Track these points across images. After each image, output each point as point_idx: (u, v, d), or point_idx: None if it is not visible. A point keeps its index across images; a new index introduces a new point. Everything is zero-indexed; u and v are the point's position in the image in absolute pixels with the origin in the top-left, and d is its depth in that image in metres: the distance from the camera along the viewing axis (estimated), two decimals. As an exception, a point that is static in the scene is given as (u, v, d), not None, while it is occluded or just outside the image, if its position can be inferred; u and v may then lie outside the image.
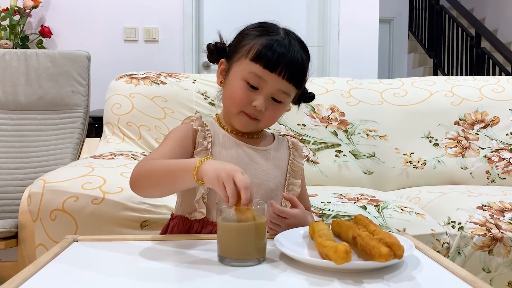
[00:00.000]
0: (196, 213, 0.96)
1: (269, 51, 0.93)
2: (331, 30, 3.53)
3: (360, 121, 1.95)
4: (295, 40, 0.97)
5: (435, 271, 0.77)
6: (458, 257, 1.38)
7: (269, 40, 0.95)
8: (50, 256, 0.79)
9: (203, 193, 0.95)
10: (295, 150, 1.08)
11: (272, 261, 0.78)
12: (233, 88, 0.97)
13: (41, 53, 2.14)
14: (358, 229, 0.81)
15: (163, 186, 0.87)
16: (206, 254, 0.82)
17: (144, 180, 0.88)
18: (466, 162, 1.93)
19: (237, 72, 0.97)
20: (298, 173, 1.06)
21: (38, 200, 1.27)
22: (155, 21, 3.42)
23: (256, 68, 0.94)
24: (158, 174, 0.86)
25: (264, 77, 0.94)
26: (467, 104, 2.01)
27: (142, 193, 0.91)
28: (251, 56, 0.94)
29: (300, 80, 0.97)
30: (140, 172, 0.89)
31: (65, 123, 2.08)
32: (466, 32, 4.79)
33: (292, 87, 0.96)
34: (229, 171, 0.76)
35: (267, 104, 0.96)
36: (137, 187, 0.89)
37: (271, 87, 0.95)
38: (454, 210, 1.48)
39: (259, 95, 0.95)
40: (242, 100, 0.96)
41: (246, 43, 0.97)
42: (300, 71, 0.96)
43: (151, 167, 0.88)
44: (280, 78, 0.94)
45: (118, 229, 1.26)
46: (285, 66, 0.93)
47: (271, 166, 1.01)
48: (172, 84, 1.93)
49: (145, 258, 0.81)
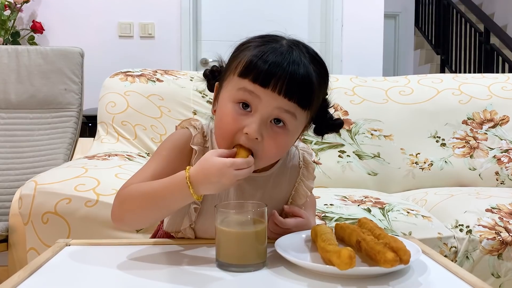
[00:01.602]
0: (182, 235, 0.91)
1: (260, 60, 0.77)
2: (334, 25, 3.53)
3: (364, 120, 1.95)
4: (300, 50, 0.81)
5: (443, 276, 0.77)
6: (466, 262, 1.38)
7: (262, 49, 0.79)
8: (41, 260, 0.79)
9: (190, 222, 0.88)
10: (306, 169, 0.95)
11: (273, 267, 0.78)
12: (221, 115, 0.82)
13: (33, 50, 2.13)
14: (363, 233, 0.81)
15: (151, 214, 0.80)
16: (204, 259, 0.82)
17: (127, 213, 0.81)
18: (475, 163, 1.93)
19: (225, 93, 0.82)
20: (304, 196, 0.95)
21: (29, 202, 1.26)
22: (151, 16, 3.42)
23: (245, 83, 0.78)
24: (142, 204, 0.79)
25: (257, 93, 0.78)
26: (476, 103, 2.01)
27: (127, 225, 0.85)
28: (239, 70, 0.79)
29: (305, 97, 0.79)
30: (122, 204, 0.81)
31: (58, 123, 2.08)
32: (475, 27, 4.79)
33: (296, 107, 0.79)
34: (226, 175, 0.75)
35: (264, 130, 0.79)
36: (119, 220, 0.82)
37: (268, 105, 0.78)
38: (462, 213, 1.48)
39: (252, 118, 0.78)
40: (231, 127, 0.79)
41: (238, 57, 0.81)
42: (303, 84, 0.78)
43: (132, 197, 0.80)
44: (276, 94, 0.77)
45: (113, 233, 1.25)
46: (280, 78, 0.76)
47: (270, 196, 0.91)
48: (169, 82, 1.92)
49: (140, 263, 0.80)
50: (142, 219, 0.83)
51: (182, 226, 0.90)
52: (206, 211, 0.89)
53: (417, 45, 6.08)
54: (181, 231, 0.91)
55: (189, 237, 0.91)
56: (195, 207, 0.88)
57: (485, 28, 4.57)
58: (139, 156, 1.71)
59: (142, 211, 0.81)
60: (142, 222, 0.85)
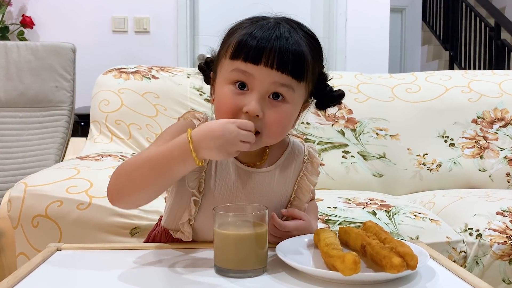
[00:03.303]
0: (180, 233, 0.91)
1: (248, 39, 0.81)
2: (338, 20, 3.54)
3: (369, 119, 1.95)
4: (288, 24, 0.85)
5: (451, 282, 0.77)
6: (476, 267, 1.38)
7: (250, 28, 0.83)
8: (31, 266, 0.79)
9: (189, 217, 0.88)
10: (310, 163, 0.97)
11: (273, 272, 0.78)
12: (218, 98, 0.86)
13: (22, 45, 2.13)
14: (368, 237, 0.81)
15: (152, 183, 0.79)
16: (202, 265, 0.82)
17: (126, 184, 0.81)
18: (485, 164, 1.93)
19: (220, 78, 0.86)
20: (307, 191, 0.96)
21: (19, 205, 1.26)
22: (146, 10, 3.42)
23: (237, 64, 0.82)
24: (142, 171, 0.79)
25: (250, 72, 0.82)
26: (486, 101, 2.01)
27: (126, 201, 0.83)
28: (230, 53, 0.83)
29: (298, 68, 0.83)
30: (120, 176, 0.81)
31: (48, 122, 2.08)
32: (485, 22, 4.79)
33: (291, 79, 0.83)
34: (230, 139, 0.76)
35: (265, 106, 0.83)
36: (118, 195, 0.82)
37: (263, 82, 0.82)
38: (471, 216, 1.48)
39: (250, 95, 0.82)
40: (230, 107, 0.83)
41: (228, 41, 0.86)
42: (294, 56, 0.82)
43: (131, 166, 0.81)
44: (269, 68, 0.81)
45: (106, 237, 1.25)
46: (271, 52, 0.80)
47: (273, 191, 0.93)
48: (165, 79, 1.92)
49: (135, 269, 0.80)
50: (141, 191, 0.80)
51: (181, 220, 0.89)
52: (207, 207, 0.88)
53: (425, 40, 6.08)
54: (179, 228, 0.90)
55: (187, 236, 0.90)
56: (195, 199, 0.88)
57: (496, 23, 4.57)
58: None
59: (143, 178, 0.79)
60: (141, 195, 0.82)
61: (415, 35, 5.95)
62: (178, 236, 0.92)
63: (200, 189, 0.89)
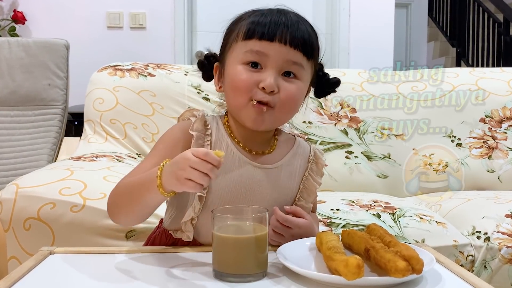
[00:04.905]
0: (181, 232, 0.93)
1: (261, 18, 0.90)
2: (341, 15, 3.54)
3: (373, 118, 1.95)
4: (290, 14, 0.93)
5: (458, 287, 0.77)
6: (484, 272, 1.38)
7: (258, 14, 0.91)
8: (23, 270, 0.79)
9: (193, 215, 0.91)
10: (315, 164, 1.00)
11: (274, 276, 0.78)
12: (232, 77, 0.91)
13: (14, 42, 2.14)
14: (372, 240, 0.81)
15: (134, 209, 0.88)
16: (200, 269, 0.82)
17: (115, 208, 0.90)
18: (493, 165, 1.93)
19: (232, 61, 0.92)
20: (312, 192, 1.00)
21: (10, 207, 1.26)
22: (142, 5, 3.42)
23: (252, 44, 0.89)
24: (124, 197, 0.88)
25: (264, 51, 0.88)
26: (494, 99, 2.01)
27: (120, 221, 0.92)
28: (242, 35, 0.90)
29: (308, 45, 0.91)
30: (111, 199, 0.90)
31: (41, 121, 2.08)
32: (493, 17, 4.79)
33: (302, 56, 0.90)
34: (181, 164, 0.77)
35: (279, 82, 0.89)
36: (113, 216, 0.91)
37: (277, 59, 0.89)
38: (479, 219, 1.48)
39: (266, 72, 0.88)
40: (245, 83, 0.88)
41: (235, 29, 0.93)
42: (305, 33, 0.90)
43: (117, 191, 0.89)
44: (283, 45, 0.88)
45: (101, 240, 1.25)
46: (285, 30, 0.88)
47: (279, 188, 0.96)
48: (162, 76, 1.93)
49: (130, 273, 0.80)
50: (129, 215, 0.89)
51: (184, 219, 0.91)
52: (211, 204, 0.90)
53: (431, 36, 6.08)
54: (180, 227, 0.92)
55: (187, 236, 0.91)
56: (200, 195, 0.90)
57: (505, 18, 4.57)
58: (129, 157, 1.71)
59: (126, 206, 0.88)
60: (130, 218, 0.91)
61: (421, 31, 5.94)
62: (178, 236, 0.93)
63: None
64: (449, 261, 0.87)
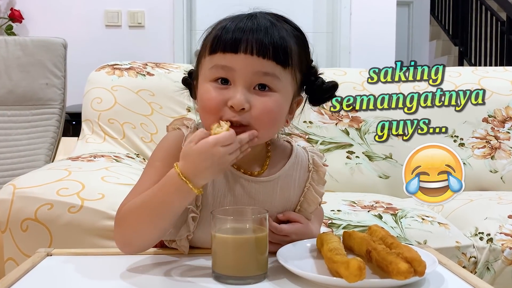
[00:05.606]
0: (175, 244, 0.90)
1: (223, 31, 0.82)
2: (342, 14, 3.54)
3: (375, 118, 1.95)
4: (267, 15, 0.85)
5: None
6: (487, 273, 1.38)
7: (223, 23, 0.84)
8: (20, 272, 0.79)
9: (188, 233, 0.87)
10: (316, 172, 0.95)
11: (274, 279, 0.78)
12: (200, 97, 0.85)
13: (11, 40, 2.13)
14: (373, 242, 0.81)
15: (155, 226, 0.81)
16: (200, 271, 0.82)
17: (131, 235, 0.82)
18: (496, 165, 1.93)
19: (202, 78, 0.86)
20: (314, 203, 0.95)
21: (7, 208, 1.26)
22: (141, 4, 3.42)
23: (217, 59, 0.82)
24: (143, 219, 0.80)
25: (230, 65, 0.81)
26: (497, 99, 2.00)
27: (137, 248, 0.84)
28: (208, 50, 0.84)
29: (280, 52, 0.81)
30: (122, 228, 0.82)
31: (38, 120, 2.07)
32: (496, 16, 4.79)
33: (275, 65, 0.81)
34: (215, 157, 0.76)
35: (250, 97, 0.81)
36: (128, 246, 0.84)
37: (245, 72, 0.80)
38: (482, 220, 1.48)
39: (234, 89, 0.81)
40: (213, 102, 0.81)
41: (204, 42, 0.87)
42: (274, 39, 0.81)
43: (130, 216, 0.81)
44: (249, 55, 0.80)
45: (99, 241, 1.25)
46: (250, 37, 0.80)
47: (276, 201, 0.91)
48: (160, 75, 1.92)
49: (129, 275, 0.80)
50: (147, 236, 0.82)
51: (178, 236, 0.88)
52: (206, 220, 0.87)
53: (433, 35, 6.08)
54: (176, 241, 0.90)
55: (182, 250, 0.89)
56: (193, 216, 0.87)
57: (508, 17, 4.57)
58: (128, 157, 1.71)
59: (144, 225, 0.81)
60: (148, 239, 0.83)
61: (423, 29, 5.94)
62: (174, 247, 0.92)
63: (197, 203, 0.87)
64: (452, 263, 0.87)
